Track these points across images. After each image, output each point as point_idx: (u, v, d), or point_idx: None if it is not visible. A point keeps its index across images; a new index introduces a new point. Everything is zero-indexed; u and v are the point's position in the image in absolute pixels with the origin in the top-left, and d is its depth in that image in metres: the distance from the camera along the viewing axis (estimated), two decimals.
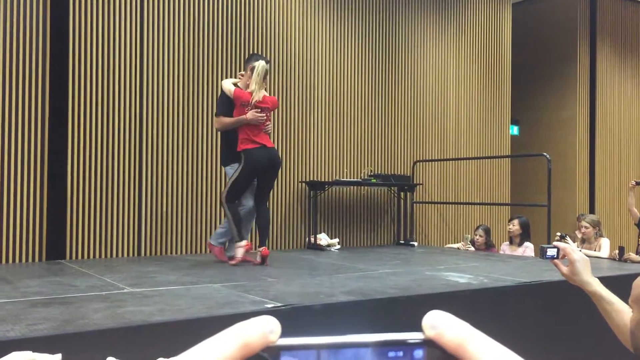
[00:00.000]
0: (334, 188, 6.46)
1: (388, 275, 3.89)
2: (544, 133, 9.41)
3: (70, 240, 5.01)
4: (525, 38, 9.37)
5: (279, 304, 2.74)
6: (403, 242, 6.67)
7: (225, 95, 4.56)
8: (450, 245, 6.71)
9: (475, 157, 7.71)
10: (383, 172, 6.83)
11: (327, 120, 6.53)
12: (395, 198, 6.95)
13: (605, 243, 5.64)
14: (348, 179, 6.44)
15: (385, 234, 6.96)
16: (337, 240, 6.14)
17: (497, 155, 7.92)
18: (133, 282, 3.48)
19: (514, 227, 5.91)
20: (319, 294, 3.08)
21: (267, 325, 0.30)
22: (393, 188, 6.80)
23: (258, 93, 4.46)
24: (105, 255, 5.16)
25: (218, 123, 4.66)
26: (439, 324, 0.31)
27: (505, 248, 6.06)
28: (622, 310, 1.52)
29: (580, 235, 5.73)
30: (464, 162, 7.62)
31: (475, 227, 6.56)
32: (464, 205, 7.67)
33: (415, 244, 6.52)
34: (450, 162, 7.51)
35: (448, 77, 7.55)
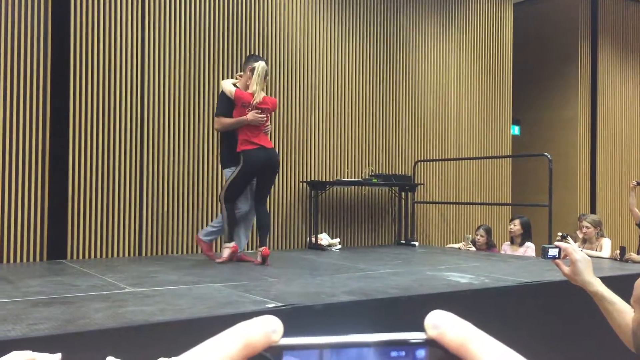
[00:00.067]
0: (335, 188, 6.46)
1: (389, 275, 3.89)
2: (545, 133, 9.41)
3: (71, 240, 5.02)
4: (527, 38, 9.37)
5: (280, 304, 2.74)
6: (404, 242, 6.67)
7: (225, 96, 4.56)
8: (452, 245, 6.71)
9: (477, 157, 7.70)
10: (384, 172, 6.83)
11: (328, 120, 6.53)
12: (396, 198, 6.95)
13: (607, 243, 5.63)
14: (349, 179, 6.45)
15: (386, 234, 6.96)
16: (338, 240, 6.14)
17: (498, 155, 7.91)
18: (134, 281, 3.49)
19: (515, 227, 5.91)
20: (320, 294, 3.08)
21: (269, 325, 0.30)
22: (394, 188, 6.80)
23: (259, 94, 4.47)
24: (106, 255, 5.16)
25: (218, 123, 4.65)
26: (441, 324, 0.31)
27: (507, 248, 6.06)
28: (623, 311, 1.52)
29: (582, 236, 5.73)
30: (465, 162, 7.62)
31: (477, 227, 6.56)
32: (465, 205, 7.67)
33: (416, 244, 6.51)
34: (452, 162, 7.50)
35: (449, 77, 7.55)
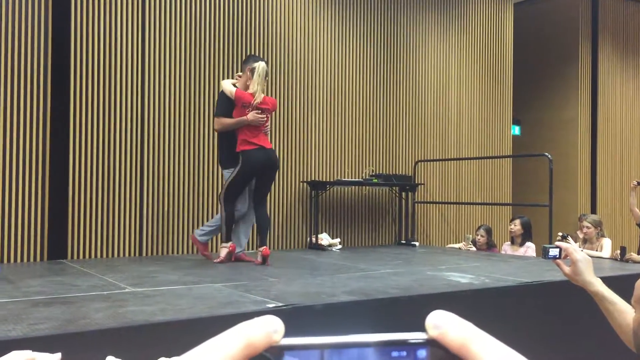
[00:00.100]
0: (336, 188, 6.46)
1: (389, 275, 3.89)
2: (546, 133, 9.40)
3: (72, 240, 5.02)
4: (527, 38, 9.36)
5: (281, 304, 2.74)
6: (404, 242, 6.67)
7: (225, 96, 4.55)
8: (452, 245, 6.71)
9: (477, 157, 7.70)
10: (384, 172, 6.83)
11: (328, 120, 6.53)
12: (397, 198, 6.95)
13: (607, 243, 5.63)
14: (349, 179, 6.45)
15: (387, 234, 6.96)
16: (338, 240, 6.14)
17: (498, 155, 7.91)
18: (134, 281, 3.49)
19: (516, 227, 5.90)
20: (321, 294, 3.08)
21: (270, 325, 0.30)
22: (394, 188, 6.80)
23: (259, 94, 4.47)
24: (107, 255, 5.16)
25: (218, 124, 4.63)
26: (443, 324, 0.31)
27: (507, 248, 6.06)
28: (624, 311, 1.52)
29: (582, 236, 5.72)
30: (466, 162, 7.62)
31: (477, 227, 6.56)
32: (466, 205, 7.67)
33: (417, 244, 6.51)
34: (452, 162, 7.50)
35: (450, 77, 7.55)
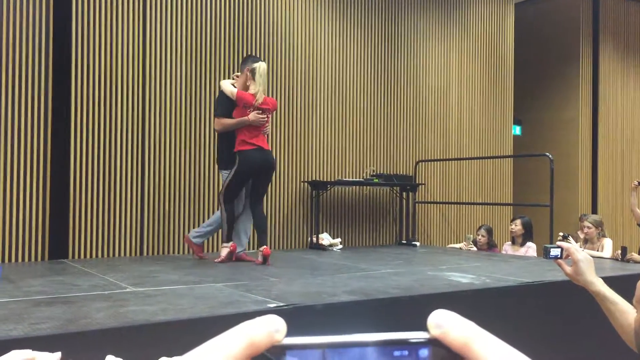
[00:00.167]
0: (336, 188, 6.46)
1: (390, 275, 3.89)
2: (547, 133, 9.40)
3: (73, 240, 5.02)
4: (528, 38, 9.36)
5: (281, 304, 2.74)
6: (405, 242, 6.67)
7: (225, 96, 4.54)
8: (453, 245, 6.70)
9: (478, 157, 7.70)
10: (385, 172, 6.82)
11: (329, 120, 6.53)
12: (398, 198, 6.94)
13: (608, 243, 5.63)
14: (350, 179, 6.45)
15: (388, 234, 6.96)
16: (339, 240, 6.14)
17: (499, 155, 7.91)
18: (135, 281, 3.49)
19: (517, 227, 5.90)
20: (321, 294, 3.08)
21: (272, 325, 0.30)
22: (395, 188, 6.80)
23: (261, 95, 4.46)
24: (108, 255, 5.16)
25: (218, 124, 4.60)
26: (444, 323, 0.31)
27: (508, 248, 6.05)
28: (626, 311, 1.52)
29: (583, 236, 5.72)
30: (467, 162, 7.62)
31: (478, 227, 6.56)
32: (466, 205, 7.66)
33: (418, 244, 6.51)
34: (453, 162, 7.50)
35: (450, 77, 7.55)
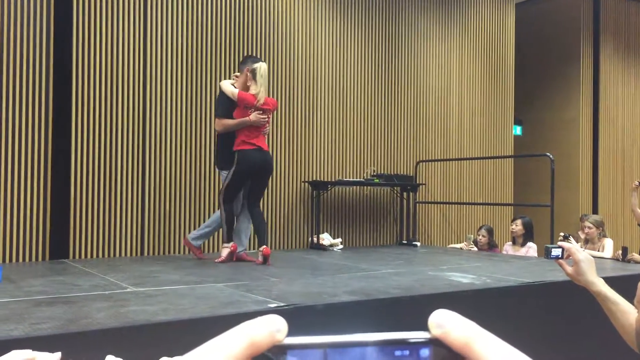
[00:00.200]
0: (337, 188, 6.46)
1: (391, 275, 3.89)
2: (547, 133, 9.39)
3: (74, 240, 5.02)
4: (529, 38, 9.35)
5: (282, 304, 2.74)
6: (406, 242, 6.67)
7: (225, 97, 4.53)
8: (453, 246, 6.70)
9: (478, 157, 7.70)
10: (386, 172, 6.82)
11: (330, 120, 6.53)
12: (398, 198, 6.94)
13: (609, 243, 5.62)
14: (351, 179, 6.45)
15: (388, 234, 6.95)
16: (339, 240, 6.14)
17: (500, 156, 7.91)
18: (136, 281, 3.49)
19: (517, 227, 5.90)
20: (322, 294, 3.08)
21: (274, 324, 0.30)
22: (396, 188, 6.80)
23: (262, 95, 4.47)
24: (109, 255, 5.17)
25: (219, 125, 4.58)
26: (446, 323, 0.31)
27: (508, 248, 6.05)
28: (627, 311, 1.52)
29: (584, 236, 5.72)
30: (467, 162, 7.62)
31: (478, 227, 6.56)
32: (467, 206, 7.66)
33: (418, 244, 6.51)
34: (453, 162, 7.50)
35: (451, 77, 7.54)
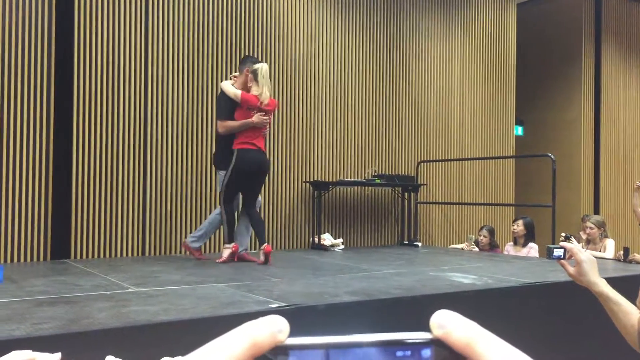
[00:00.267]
0: (338, 188, 6.46)
1: (392, 276, 3.89)
2: (549, 133, 9.39)
3: (75, 240, 5.03)
4: (530, 38, 9.35)
5: (283, 304, 2.74)
6: (407, 242, 6.67)
7: (226, 98, 4.50)
8: (455, 246, 6.70)
9: (480, 157, 7.69)
10: (387, 172, 6.82)
11: (331, 121, 6.53)
12: (399, 198, 6.94)
13: (610, 244, 5.62)
14: (352, 179, 6.44)
15: (389, 235, 6.95)
16: (341, 241, 6.14)
17: (501, 156, 7.90)
18: (137, 281, 3.49)
19: (519, 227, 5.90)
20: (323, 294, 3.08)
21: (275, 325, 0.30)
22: (397, 188, 6.80)
23: (265, 96, 4.47)
24: (110, 255, 5.17)
25: (222, 127, 4.52)
26: (447, 323, 0.31)
27: (510, 249, 6.05)
28: (629, 311, 1.52)
29: (585, 236, 5.71)
30: (469, 162, 7.61)
31: (480, 227, 6.55)
32: (468, 206, 7.66)
33: (419, 245, 6.51)
34: (455, 162, 7.49)
35: (453, 77, 7.54)
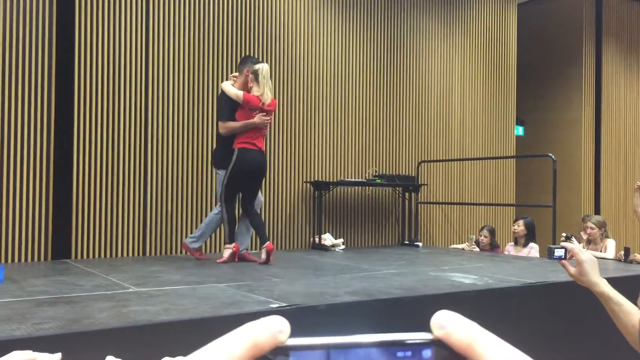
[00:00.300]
0: (339, 188, 6.46)
1: (393, 276, 3.89)
2: (549, 133, 9.38)
3: (76, 240, 5.03)
4: (531, 38, 9.34)
5: (284, 304, 2.74)
6: (408, 242, 6.66)
7: (227, 98, 4.49)
8: (455, 246, 6.70)
9: (480, 157, 7.69)
10: (388, 172, 6.82)
11: (332, 121, 6.53)
12: (400, 198, 6.94)
13: (611, 244, 5.61)
14: (353, 179, 6.44)
15: (390, 235, 6.95)
16: (341, 241, 6.14)
17: (502, 156, 7.90)
18: (138, 281, 3.49)
19: (519, 227, 5.89)
20: (324, 294, 3.08)
21: (276, 326, 0.30)
22: (398, 188, 6.80)
23: (267, 96, 4.47)
24: (111, 255, 5.17)
25: (224, 128, 4.50)
26: (448, 324, 0.31)
27: (510, 249, 6.04)
28: (630, 312, 1.52)
29: (586, 236, 5.71)
30: (469, 162, 7.61)
31: (480, 227, 6.55)
32: (469, 206, 7.65)
33: (420, 245, 6.51)
34: (455, 162, 7.49)
35: (453, 77, 7.54)
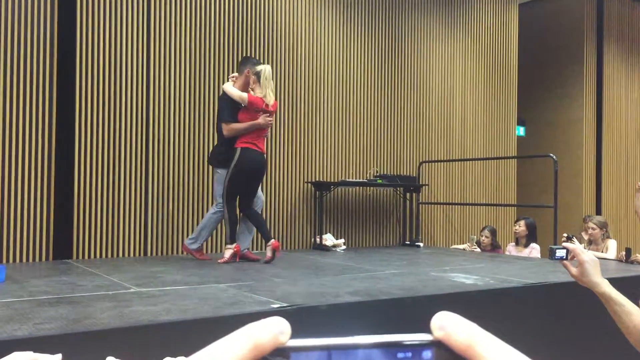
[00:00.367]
0: (340, 189, 6.46)
1: (394, 276, 3.89)
2: (550, 134, 9.38)
3: (77, 240, 5.03)
4: (532, 39, 9.34)
5: (285, 304, 2.74)
6: (409, 242, 6.66)
7: (229, 100, 4.49)
8: (456, 246, 6.70)
9: (482, 157, 7.69)
10: (389, 172, 6.82)
11: (333, 121, 6.53)
12: (401, 199, 6.94)
13: (612, 244, 5.61)
14: (354, 180, 6.45)
15: (391, 235, 6.95)
16: (342, 241, 6.14)
17: (503, 156, 7.89)
18: (140, 281, 3.49)
19: (520, 228, 5.89)
20: (325, 295, 3.08)
21: (277, 327, 0.30)
22: (399, 189, 6.80)
23: (270, 97, 4.47)
24: (112, 255, 5.17)
25: (228, 130, 4.49)
26: (448, 325, 0.31)
27: (511, 249, 6.04)
28: (631, 312, 1.52)
29: (587, 237, 5.70)
30: (470, 162, 7.61)
31: (481, 228, 6.55)
32: (470, 206, 7.65)
33: (421, 245, 6.51)
34: (456, 162, 7.49)
35: (454, 77, 7.54)
